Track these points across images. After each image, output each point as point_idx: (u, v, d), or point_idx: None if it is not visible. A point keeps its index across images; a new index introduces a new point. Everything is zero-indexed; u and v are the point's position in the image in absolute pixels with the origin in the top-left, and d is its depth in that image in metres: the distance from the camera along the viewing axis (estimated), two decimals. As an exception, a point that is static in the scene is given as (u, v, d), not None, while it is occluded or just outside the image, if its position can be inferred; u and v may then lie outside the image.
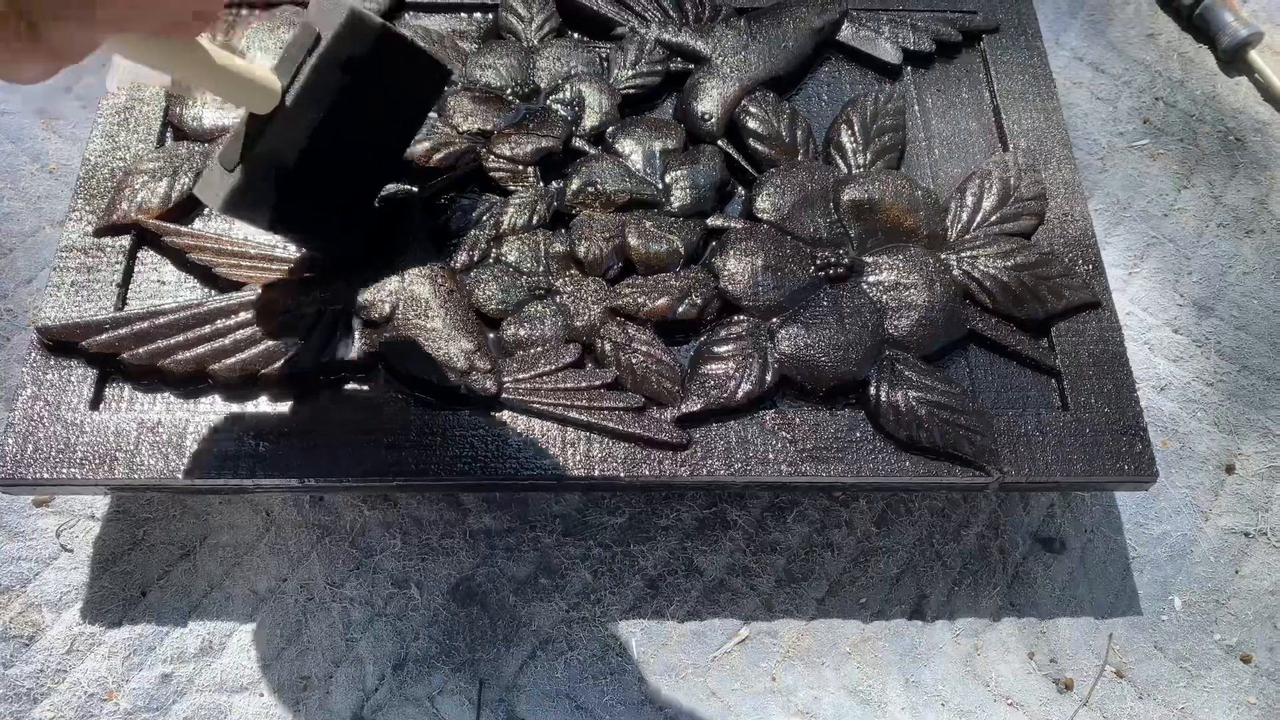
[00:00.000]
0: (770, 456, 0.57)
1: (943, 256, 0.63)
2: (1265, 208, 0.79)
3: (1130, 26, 0.89)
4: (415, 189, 0.64)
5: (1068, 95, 0.84)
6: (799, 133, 0.67)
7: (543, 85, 0.68)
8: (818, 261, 0.62)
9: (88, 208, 0.63)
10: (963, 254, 0.63)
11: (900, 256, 0.62)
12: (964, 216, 0.64)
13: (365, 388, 0.58)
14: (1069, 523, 0.66)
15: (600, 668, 0.61)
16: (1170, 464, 0.69)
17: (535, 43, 0.70)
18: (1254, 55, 0.85)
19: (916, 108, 0.70)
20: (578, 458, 0.56)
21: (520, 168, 0.65)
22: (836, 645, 0.62)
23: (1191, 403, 0.71)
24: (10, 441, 0.55)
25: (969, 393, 0.59)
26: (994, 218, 0.64)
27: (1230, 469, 0.69)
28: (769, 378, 0.58)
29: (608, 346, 0.59)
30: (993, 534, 0.66)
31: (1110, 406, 0.60)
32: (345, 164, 0.55)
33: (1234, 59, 0.86)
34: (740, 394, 0.58)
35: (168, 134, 0.66)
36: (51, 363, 0.58)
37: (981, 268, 0.62)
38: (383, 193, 0.63)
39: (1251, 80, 0.86)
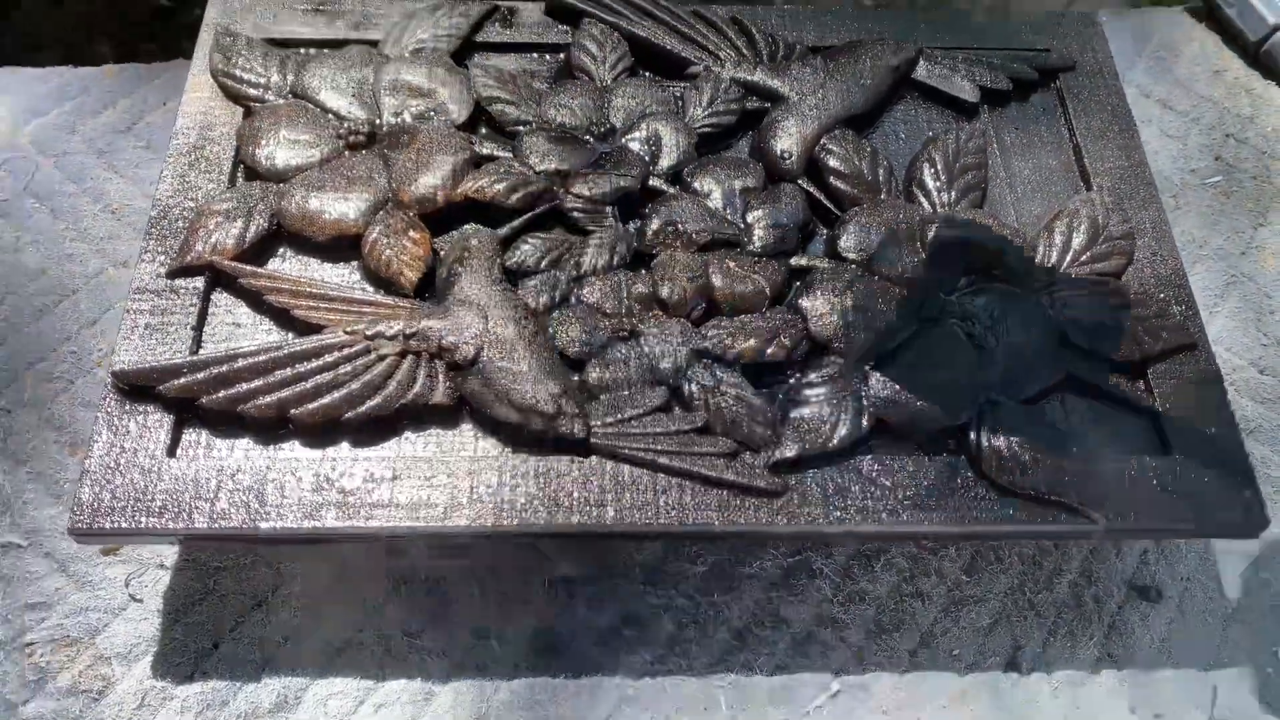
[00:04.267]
0: (869, 504, 0.55)
1: (1037, 297, 0.61)
2: (1344, 246, 0.78)
3: (1196, 63, 0.88)
4: (495, 230, 0.63)
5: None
6: (880, 171, 0.66)
7: (618, 124, 0.67)
8: (909, 302, 0.61)
9: (159, 249, 0.61)
10: (1056, 294, 0.61)
11: (993, 297, 0.61)
12: (1054, 256, 0.63)
13: (450, 432, 0.57)
14: (1164, 570, 0.64)
15: (688, 723, 0.58)
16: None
17: (609, 82, 0.69)
18: (1324, 92, 0.84)
19: (995, 146, 0.69)
20: (670, 505, 0.55)
21: (598, 207, 0.64)
22: (932, 699, 0.60)
23: (1282, 445, 0.69)
24: (87, 490, 0.54)
25: (1070, 437, 0.57)
26: (1084, 257, 0.63)
27: (1327, 513, 0.67)
28: (865, 421, 0.57)
29: (695, 389, 0.58)
30: (1086, 582, 0.63)
31: (1214, 450, 0.58)
32: None
33: (1303, 95, 0.85)
34: (836, 439, 0.56)
35: (239, 173, 0.65)
36: (127, 408, 0.56)
37: (1075, 308, 0.61)
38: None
39: (1322, 117, 0.85)
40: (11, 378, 0.68)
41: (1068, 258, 0.63)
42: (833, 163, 0.65)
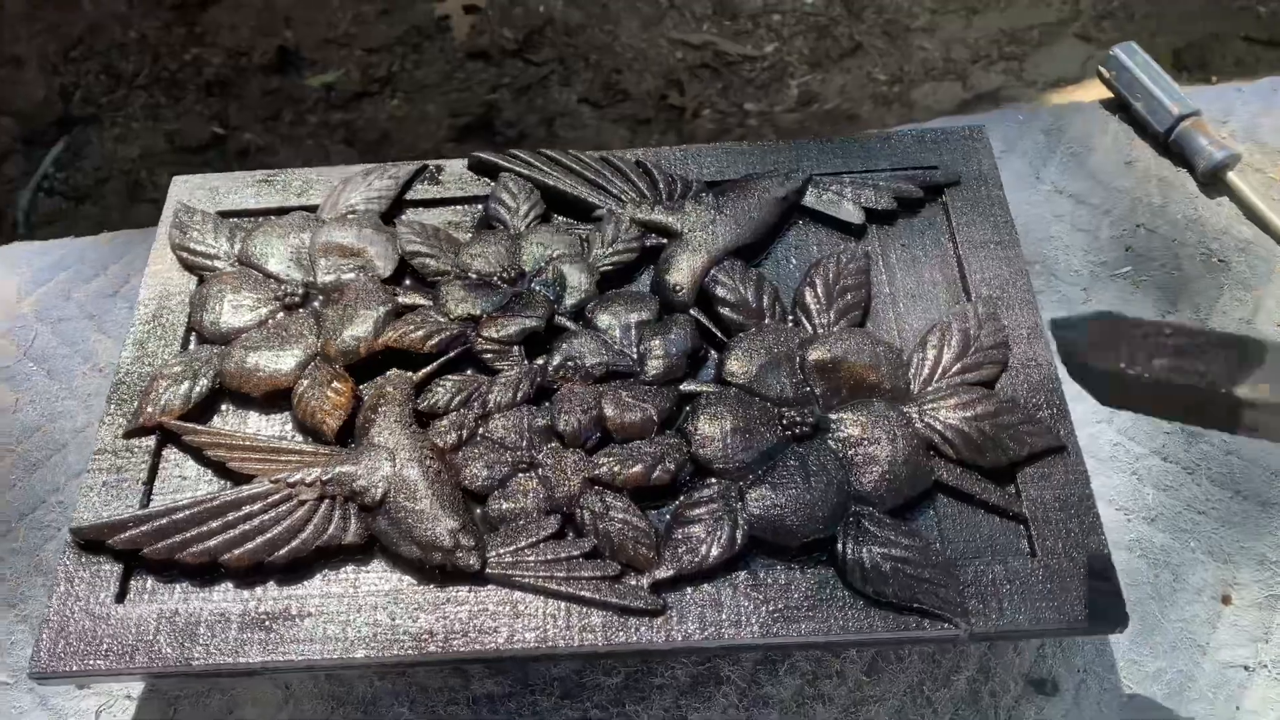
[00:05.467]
0: (742, 619, 0.59)
1: (905, 410, 0.65)
2: (1253, 327, 0.80)
3: (1109, 155, 0.91)
4: (410, 374, 0.69)
5: (1049, 229, 0.87)
6: (765, 297, 0.71)
7: (527, 268, 0.74)
8: (784, 422, 0.65)
9: (119, 412, 0.69)
10: (925, 406, 0.65)
11: (863, 412, 0.65)
12: (925, 369, 0.67)
13: (363, 569, 0.63)
14: (1060, 663, 0.66)
15: (597, 830, 0.62)
16: (1164, 597, 0.69)
17: (522, 229, 0.76)
18: (1232, 176, 0.87)
19: (881, 264, 0.73)
20: (559, 628, 0.60)
21: (506, 348, 0.70)
22: (828, 800, 0.63)
23: (1184, 532, 0.71)
24: (45, 636, 0.61)
25: (933, 546, 0.61)
26: (955, 368, 0.67)
27: (1227, 599, 0.68)
28: (739, 539, 0.61)
29: (586, 515, 0.63)
30: (983, 678, 0.66)
31: (1078, 551, 0.61)
32: None
33: (1212, 181, 0.88)
34: (711, 557, 0.61)
35: (191, 338, 0.73)
36: (82, 560, 0.63)
37: (943, 419, 0.64)
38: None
39: (1232, 200, 0.87)
40: (7, 528, 0.76)
41: (939, 370, 0.67)
42: (720, 292, 0.71)
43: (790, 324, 0.70)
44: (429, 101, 2.06)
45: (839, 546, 0.60)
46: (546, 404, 0.68)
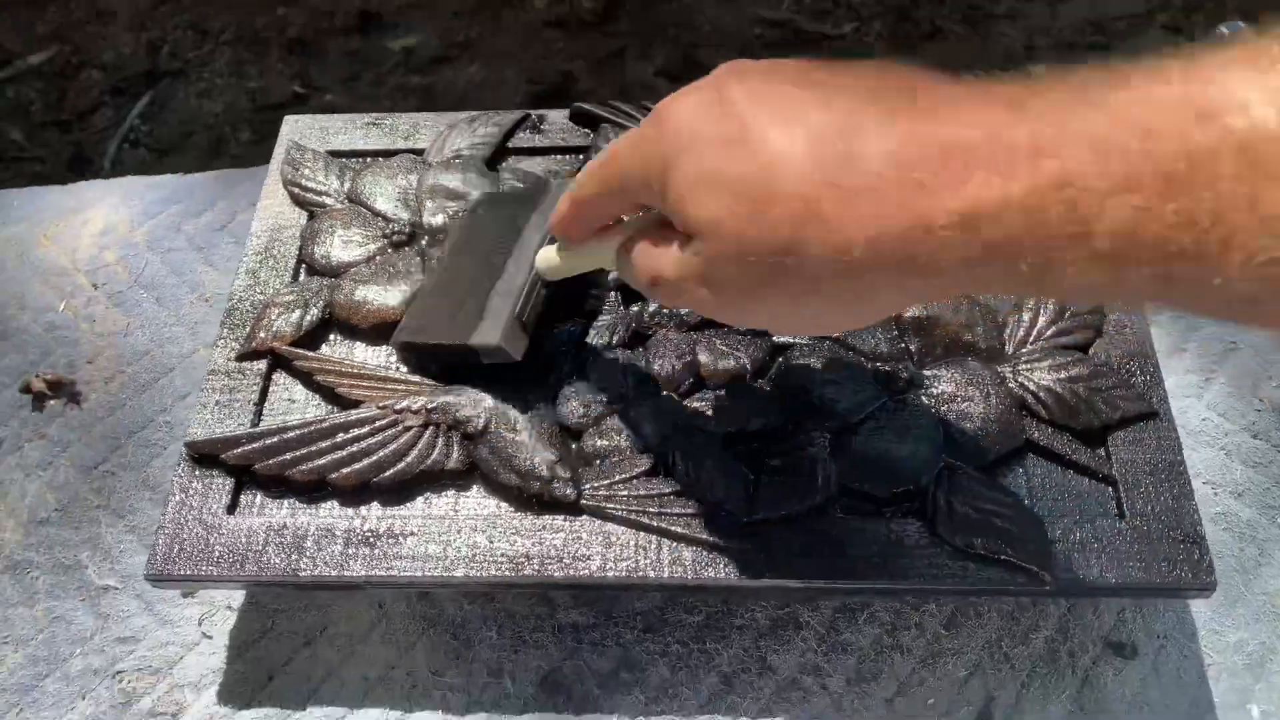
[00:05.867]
0: (830, 563, 0.61)
1: (999, 369, 0.66)
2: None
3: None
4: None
5: (1143, 204, 0.87)
6: (862, 254, 0.72)
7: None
8: (878, 375, 0.66)
9: (231, 336, 0.72)
10: (1019, 366, 0.66)
11: (958, 370, 0.66)
12: (1020, 331, 0.68)
13: (463, 494, 0.65)
14: (1140, 628, 0.67)
15: (675, 760, 0.64)
16: (1249, 570, 0.69)
17: (621, 178, 0.77)
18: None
19: (978, 226, 0.74)
20: (649, 560, 0.61)
21: (603, 293, 0.72)
22: (903, 745, 0.64)
23: (1271, 508, 0.71)
24: (161, 542, 0.64)
25: (1023, 500, 0.62)
26: (1050, 331, 0.67)
27: (1312, 576, 0.68)
28: (831, 486, 0.62)
29: (678, 456, 0.64)
30: (1062, 638, 0.67)
31: (1168, 515, 0.61)
32: None
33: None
34: (803, 502, 0.62)
35: (301, 270, 0.76)
36: (196, 473, 0.66)
37: (1036, 380, 0.65)
38: None
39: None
40: (116, 444, 0.80)
41: (1034, 332, 0.68)
42: (817, 247, 0.72)
43: (885, 281, 0.71)
44: (506, 68, 2.07)
45: (929, 497, 0.62)
46: (641, 349, 0.70)
